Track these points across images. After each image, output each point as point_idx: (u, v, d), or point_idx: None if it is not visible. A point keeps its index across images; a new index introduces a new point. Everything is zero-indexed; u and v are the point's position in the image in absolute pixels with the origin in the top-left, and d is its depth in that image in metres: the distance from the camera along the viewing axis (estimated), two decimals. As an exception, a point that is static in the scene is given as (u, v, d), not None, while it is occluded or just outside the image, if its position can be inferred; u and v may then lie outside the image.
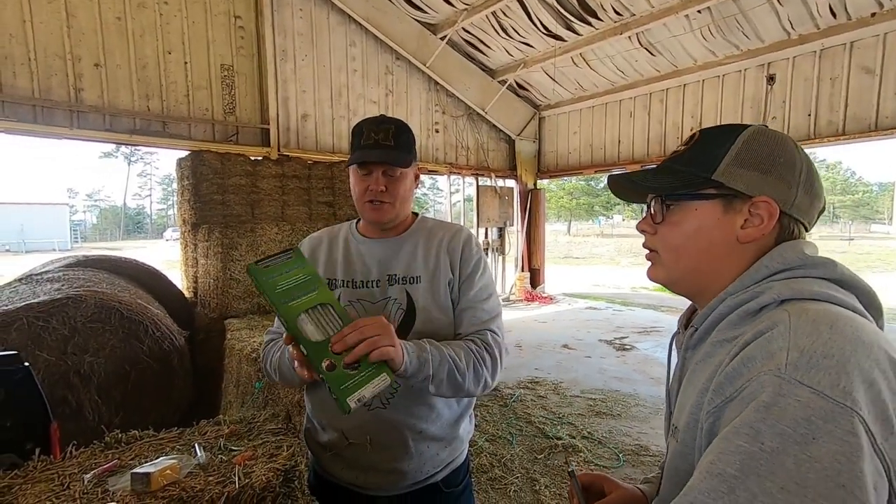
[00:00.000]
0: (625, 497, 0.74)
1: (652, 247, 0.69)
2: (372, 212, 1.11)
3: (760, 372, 0.47)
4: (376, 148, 1.08)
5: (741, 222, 0.60)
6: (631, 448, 3.11)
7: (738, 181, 0.60)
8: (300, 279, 0.86)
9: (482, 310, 1.13)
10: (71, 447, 1.08)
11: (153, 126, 4.85)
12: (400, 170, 1.10)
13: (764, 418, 0.44)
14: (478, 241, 1.21)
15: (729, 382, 0.50)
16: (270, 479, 0.95)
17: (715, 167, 0.61)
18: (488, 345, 1.08)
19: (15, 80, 4.10)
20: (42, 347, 2.58)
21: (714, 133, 0.64)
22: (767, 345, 0.49)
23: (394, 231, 1.18)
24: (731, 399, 0.49)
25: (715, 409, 0.51)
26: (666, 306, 8.61)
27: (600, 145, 7.87)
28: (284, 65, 5.68)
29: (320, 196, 5.57)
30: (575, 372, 4.77)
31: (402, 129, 1.12)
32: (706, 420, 0.52)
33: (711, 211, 0.62)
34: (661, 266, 0.68)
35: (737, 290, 0.59)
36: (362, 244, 1.18)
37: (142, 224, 50.86)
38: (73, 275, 3.45)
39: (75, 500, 0.89)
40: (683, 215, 0.64)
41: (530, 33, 6.58)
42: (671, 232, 0.65)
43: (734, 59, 5.85)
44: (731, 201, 0.61)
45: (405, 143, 1.11)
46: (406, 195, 1.14)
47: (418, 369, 0.94)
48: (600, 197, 37.41)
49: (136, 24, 4.66)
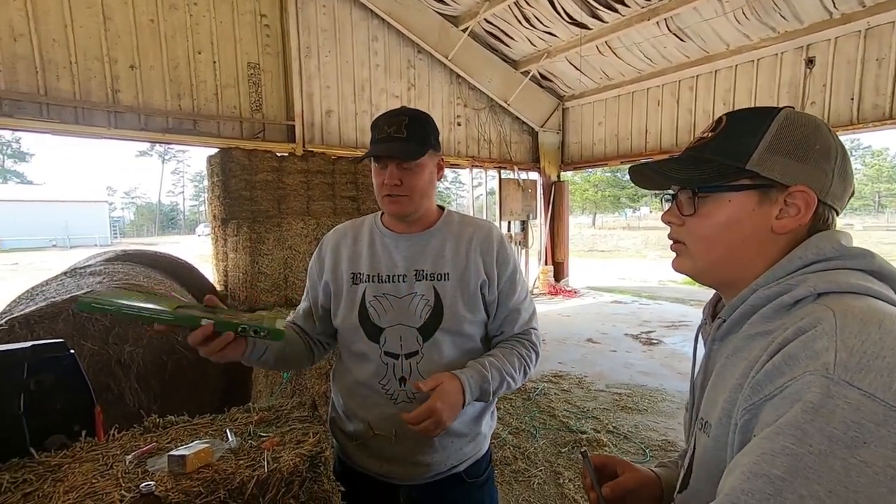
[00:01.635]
0: (638, 479, 0.73)
1: (679, 238, 0.66)
2: (390, 205, 1.10)
3: (805, 371, 0.46)
4: (387, 141, 1.06)
5: (776, 212, 0.58)
6: (657, 443, 3.06)
7: (773, 170, 0.57)
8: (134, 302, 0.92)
9: (524, 311, 1.18)
10: (113, 430, 1.14)
11: (185, 125, 5.02)
12: (414, 162, 1.07)
13: (812, 420, 0.43)
14: (514, 230, 1.24)
15: (768, 380, 0.49)
16: (297, 464, 0.98)
17: (748, 156, 0.58)
18: (533, 344, 1.18)
19: (58, 83, 4.32)
20: (86, 337, 2.73)
21: (743, 118, 0.61)
22: (812, 343, 0.47)
23: (419, 225, 1.16)
24: (771, 397, 0.48)
25: (752, 407, 0.50)
26: (695, 300, 8.37)
27: (626, 135, 7.68)
28: (308, 61, 5.76)
29: (344, 191, 5.65)
30: (600, 366, 4.71)
31: (416, 119, 1.09)
32: (741, 417, 0.51)
33: (745, 202, 0.59)
34: (688, 257, 0.66)
35: (768, 282, 0.57)
36: (388, 238, 1.16)
37: (175, 220, 52.83)
38: (113, 268, 3.62)
39: (118, 478, 0.94)
40: (715, 207, 0.61)
41: (554, 22, 6.46)
42: (702, 223, 0.62)
43: (770, 43, 5.59)
44: (766, 192, 0.58)
45: (418, 134, 1.07)
46: (424, 187, 1.11)
47: (479, 397, 1.06)
48: (627, 189, 36.51)
49: (167, 26, 4.81)
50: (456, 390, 1.01)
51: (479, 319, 1.14)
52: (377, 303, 1.12)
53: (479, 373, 1.05)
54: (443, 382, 1.00)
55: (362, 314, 1.13)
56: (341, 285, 1.16)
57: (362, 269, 1.15)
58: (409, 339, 1.10)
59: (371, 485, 1.16)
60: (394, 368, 1.11)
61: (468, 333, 1.13)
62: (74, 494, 0.87)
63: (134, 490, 0.88)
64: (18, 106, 4.17)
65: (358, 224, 1.24)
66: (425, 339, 1.10)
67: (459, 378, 1.02)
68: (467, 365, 1.08)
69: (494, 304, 1.15)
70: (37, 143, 59.03)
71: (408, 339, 1.10)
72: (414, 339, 1.10)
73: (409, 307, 1.11)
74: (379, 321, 1.12)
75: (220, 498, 0.90)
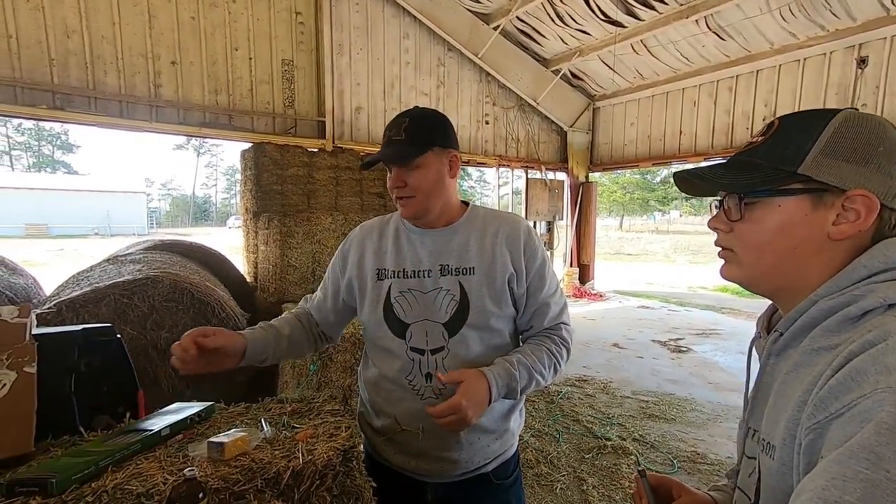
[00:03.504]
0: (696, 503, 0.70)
1: (727, 245, 0.63)
2: (400, 207, 1.12)
3: (875, 388, 0.42)
4: (387, 146, 1.08)
5: (833, 218, 0.54)
6: (686, 455, 2.97)
7: (828, 174, 0.54)
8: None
9: (555, 304, 1.16)
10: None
11: (220, 119, 5.16)
12: (419, 161, 1.07)
13: (887, 442, 0.39)
14: (538, 229, 1.21)
15: (834, 397, 0.46)
16: (331, 457, 0.99)
17: (800, 160, 0.55)
18: (564, 340, 1.16)
19: (105, 78, 4.51)
20: (126, 322, 2.85)
21: (796, 120, 0.58)
22: (882, 357, 0.44)
23: (443, 221, 1.15)
24: (838, 416, 0.45)
25: (817, 426, 0.47)
26: (727, 308, 8.09)
27: (659, 136, 7.47)
28: (340, 58, 5.84)
29: (372, 187, 5.71)
30: (626, 372, 4.61)
31: (417, 119, 1.08)
32: (805, 436, 0.48)
33: (797, 207, 0.56)
34: (737, 265, 0.63)
35: (830, 293, 0.54)
36: (413, 234, 1.16)
37: (208, 212, 54.60)
38: (151, 257, 3.77)
39: (160, 461, 0.98)
40: (765, 212, 0.58)
41: (588, 20, 6.33)
42: (751, 230, 0.60)
43: (818, 41, 5.32)
44: (820, 196, 0.55)
45: (417, 135, 1.07)
46: (431, 186, 1.09)
47: (506, 395, 1.05)
48: (656, 191, 35.58)
49: (207, 23, 4.96)
50: (482, 388, 1.00)
51: (506, 314, 1.12)
52: (402, 298, 1.12)
53: (507, 371, 1.04)
54: (467, 379, 1.00)
55: (387, 310, 1.13)
56: (366, 281, 1.17)
57: (387, 265, 1.15)
58: (434, 335, 1.10)
59: (399, 480, 1.16)
60: (420, 364, 1.11)
61: (495, 328, 1.12)
62: (121, 474, 0.91)
63: (177, 474, 0.91)
64: (69, 100, 4.38)
65: (384, 221, 1.24)
66: (451, 335, 1.10)
67: (486, 375, 1.02)
68: (495, 362, 1.07)
69: (523, 299, 1.13)
70: (83, 135, 62.09)
71: (433, 335, 1.10)
72: (440, 335, 1.10)
73: (434, 302, 1.10)
74: (404, 317, 1.12)
75: (258, 487, 0.92)
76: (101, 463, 0.91)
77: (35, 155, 44.56)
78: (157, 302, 3.00)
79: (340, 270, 1.23)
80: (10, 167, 41.59)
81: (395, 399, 1.14)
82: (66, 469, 0.87)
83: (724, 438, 3.21)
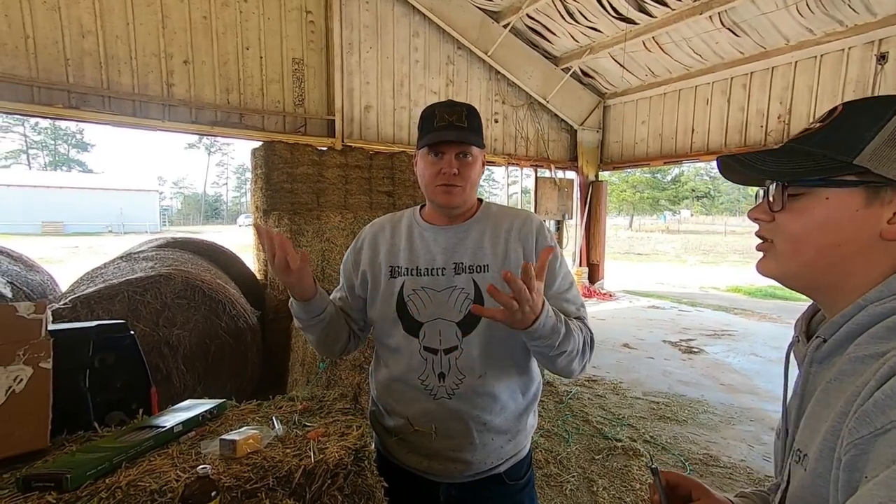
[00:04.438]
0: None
1: (767, 235, 0.59)
2: (444, 195, 1.07)
3: None
4: (451, 129, 1.04)
5: (889, 216, 0.50)
6: (699, 457, 2.93)
7: (890, 167, 0.49)
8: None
9: (568, 300, 1.11)
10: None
11: (232, 118, 5.20)
12: (473, 152, 1.08)
13: None
14: (549, 227, 1.18)
15: (879, 411, 0.43)
16: (343, 456, 0.98)
17: (859, 150, 0.50)
18: (588, 327, 1.10)
19: (119, 78, 4.57)
20: (139, 319, 2.88)
21: (862, 107, 0.53)
22: None
23: (459, 218, 1.14)
24: (884, 432, 0.42)
25: (860, 442, 0.44)
26: (739, 308, 7.97)
27: (671, 135, 7.37)
28: (350, 57, 5.85)
29: (380, 185, 5.71)
30: (636, 372, 4.56)
31: (473, 112, 1.10)
32: (846, 452, 0.45)
33: (848, 201, 0.52)
34: (773, 258, 0.59)
35: (881, 297, 0.50)
36: (427, 231, 1.15)
37: (218, 210, 55.18)
38: (163, 254, 3.81)
39: (173, 458, 0.98)
40: (810, 204, 0.54)
41: (599, 17, 6.27)
42: (792, 220, 0.55)
43: (836, 37, 5.21)
44: (877, 191, 0.50)
45: (478, 126, 1.09)
46: (476, 180, 1.11)
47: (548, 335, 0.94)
48: (667, 190, 35.21)
49: (219, 23, 5.00)
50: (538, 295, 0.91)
51: None
52: (416, 297, 1.10)
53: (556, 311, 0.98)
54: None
55: (401, 308, 1.12)
56: (379, 278, 1.15)
57: (400, 263, 1.14)
58: (448, 334, 1.08)
59: (411, 480, 1.15)
60: (433, 364, 1.09)
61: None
62: (135, 471, 0.91)
63: (189, 471, 0.91)
64: (84, 99, 4.44)
65: (397, 217, 1.23)
66: (465, 334, 1.07)
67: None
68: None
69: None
70: (97, 134, 63.09)
71: (447, 334, 1.08)
72: (453, 334, 1.08)
73: (448, 301, 1.08)
74: (418, 315, 1.10)
75: (269, 485, 0.92)
76: (115, 459, 0.91)
77: (51, 154, 45.37)
78: (169, 299, 3.03)
79: (353, 266, 1.22)
80: (28, 166, 42.43)
81: (407, 399, 1.13)
82: (80, 465, 0.87)
83: (737, 441, 3.17)
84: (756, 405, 3.78)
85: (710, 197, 38.59)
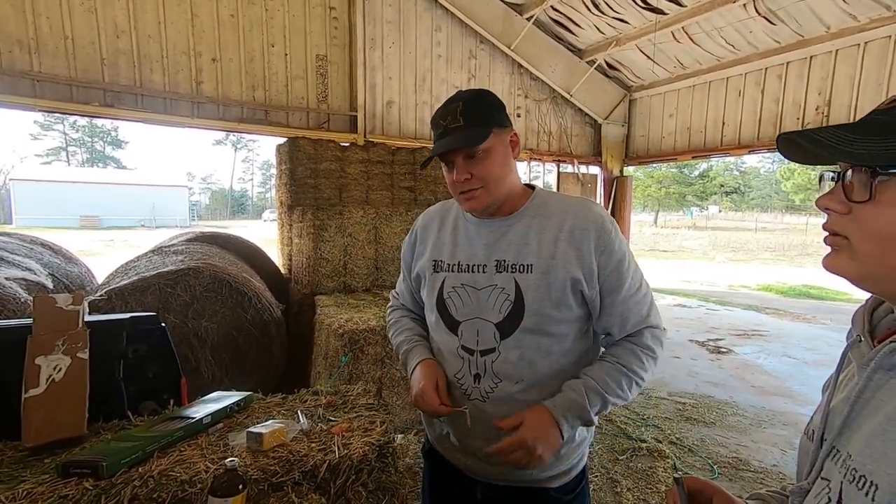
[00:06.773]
0: None
1: (840, 231, 0.50)
2: (466, 202, 1.02)
3: None
4: (444, 136, 0.98)
5: None
6: (728, 461, 2.84)
7: None
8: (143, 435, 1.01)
9: (636, 306, 1.02)
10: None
11: (257, 115, 5.29)
12: (482, 147, 0.97)
13: None
14: (612, 220, 1.03)
15: None
16: (367, 452, 0.99)
17: None
18: (648, 348, 1.02)
19: (151, 76, 4.70)
20: (170, 310, 2.97)
21: None
22: None
23: (506, 209, 1.05)
24: None
25: None
26: (771, 308, 7.68)
27: (700, 128, 7.12)
28: (373, 53, 5.86)
29: (402, 181, 5.72)
30: (661, 372, 4.45)
31: (472, 101, 0.99)
32: None
33: None
34: (850, 256, 0.49)
35: None
36: (471, 224, 1.09)
37: (244, 205, 56.51)
38: (192, 248, 3.92)
39: (202, 449, 1.00)
40: None
41: (626, 8, 6.09)
42: (879, 215, 0.45)
43: (882, 23, 4.91)
44: None
45: (477, 116, 0.97)
46: (498, 173, 1.00)
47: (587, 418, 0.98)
48: (694, 186, 34.19)
49: (245, 20, 5.08)
50: (544, 419, 0.93)
51: (570, 317, 1.01)
52: (455, 294, 1.06)
53: (572, 401, 0.96)
54: (526, 417, 0.93)
55: (440, 304, 1.09)
56: (425, 270, 1.13)
57: (443, 257, 1.10)
58: (485, 335, 1.02)
59: (452, 473, 1.13)
60: (469, 364, 1.05)
61: (556, 334, 1.01)
62: (166, 460, 0.93)
63: (218, 462, 0.93)
64: (118, 97, 4.59)
65: (447, 207, 1.18)
66: (503, 337, 1.01)
67: (547, 408, 0.95)
68: (562, 389, 0.99)
69: (597, 301, 1.00)
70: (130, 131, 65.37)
71: (484, 335, 1.02)
72: (491, 336, 1.02)
73: (487, 300, 1.02)
74: (456, 313, 1.06)
75: (295, 479, 0.93)
76: (148, 448, 0.94)
77: (88, 150, 47.31)
78: (198, 292, 3.11)
79: (410, 256, 1.21)
80: (67, 162, 44.37)
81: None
82: (115, 453, 0.90)
83: (768, 445, 3.06)
84: (789, 409, 3.64)
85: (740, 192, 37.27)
